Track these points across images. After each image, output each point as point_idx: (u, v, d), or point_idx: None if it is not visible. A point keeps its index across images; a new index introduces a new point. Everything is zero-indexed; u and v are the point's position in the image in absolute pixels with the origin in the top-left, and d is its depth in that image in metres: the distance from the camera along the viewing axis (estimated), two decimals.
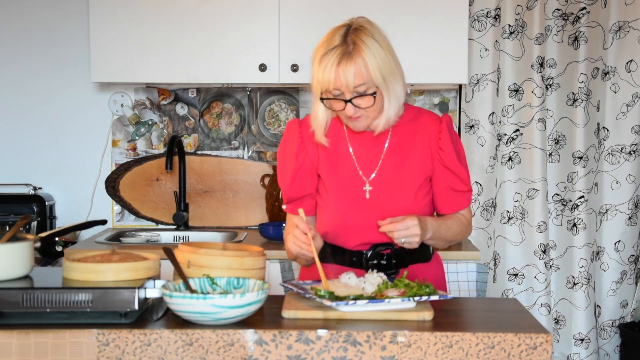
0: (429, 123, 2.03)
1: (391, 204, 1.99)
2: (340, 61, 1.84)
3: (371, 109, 1.90)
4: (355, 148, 2.02)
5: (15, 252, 1.70)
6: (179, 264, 1.74)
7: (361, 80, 1.85)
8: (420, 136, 2.02)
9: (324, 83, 1.87)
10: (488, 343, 1.55)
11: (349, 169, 2.01)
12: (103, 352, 1.55)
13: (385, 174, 2.01)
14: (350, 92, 1.87)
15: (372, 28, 1.91)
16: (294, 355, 1.55)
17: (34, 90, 3.46)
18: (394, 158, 2.01)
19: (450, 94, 3.46)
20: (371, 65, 1.85)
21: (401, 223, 1.87)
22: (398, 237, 1.88)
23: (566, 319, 3.37)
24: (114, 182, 3.45)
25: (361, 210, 2.00)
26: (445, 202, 2.06)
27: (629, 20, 3.31)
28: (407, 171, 2.01)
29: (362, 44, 1.85)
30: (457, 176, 2.02)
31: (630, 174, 3.37)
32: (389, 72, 1.88)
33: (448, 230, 2.02)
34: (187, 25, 3.09)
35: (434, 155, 2.02)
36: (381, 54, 1.87)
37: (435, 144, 2.01)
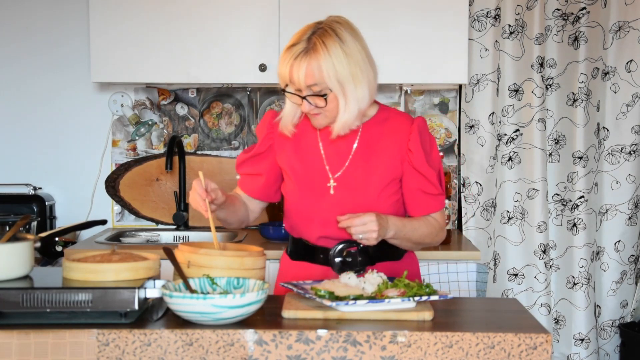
0: (400, 124, 2.05)
1: (354, 201, 2.01)
2: (297, 57, 1.89)
3: (327, 108, 1.93)
4: (325, 144, 2.06)
5: (15, 252, 1.70)
6: (179, 264, 1.74)
7: (313, 80, 1.89)
8: (391, 137, 2.04)
9: (283, 76, 1.93)
10: (488, 343, 1.55)
11: (316, 163, 2.05)
12: (103, 352, 1.55)
13: (351, 171, 2.03)
14: (303, 89, 1.91)
15: (343, 31, 1.94)
16: (294, 355, 1.55)
17: (34, 90, 3.46)
18: (362, 157, 2.04)
19: (450, 94, 3.46)
20: (325, 68, 1.88)
21: (358, 219, 1.89)
22: (355, 232, 1.90)
23: (566, 319, 3.37)
24: (114, 182, 3.45)
25: (323, 204, 2.03)
26: (414, 204, 2.07)
27: (629, 20, 3.31)
28: (374, 170, 2.03)
29: (321, 46, 1.88)
30: (426, 179, 2.03)
31: (630, 174, 3.37)
32: (347, 77, 1.90)
33: (414, 231, 2.02)
34: (187, 25, 3.09)
35: (403, 157, 2.03)
36: (340, 58, 1.89)
37: (405, 145, 2.03)
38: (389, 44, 3.09)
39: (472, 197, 3.37)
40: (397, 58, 3.09)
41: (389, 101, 3.46)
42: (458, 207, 3.45)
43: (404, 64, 3.10)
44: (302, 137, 2.07)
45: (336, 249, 2.02)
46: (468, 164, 3.37)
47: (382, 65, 3.07)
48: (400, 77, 3.15)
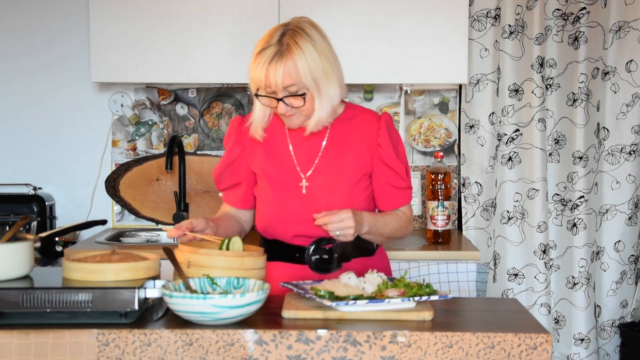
0: (368, 121, 2.09)
1: (327, 198, 2.04)
2: (272, 61, 1.90)
3: (303, 108, 1.96)
4: (294, 144, 2.08)
5: (15, 252, 1.70)
6: (179, 264, 1.74)
7: (290, 81, 1.91)
8: (359, 133, 2.08)
9: (257, 80, 1.94)
10: (488, 343, 1.55)
11: (287, 164, 2.08)
12: (103, 352, 1.55)
13: (322, 170, 2.06)
14: (280, 90, 1.92)
15: (311, 30, 1.96)
16: (294, 355, 1.55)
17: (34, 90, 3.46)
18: (331, 154, 2.07)
19: (450, 94, 3.46)
20: (301, 67, 1.90)
21: (335, 216, 1.92)
22: (332, 229, 1.92)
23: (566, 319, 3.37)
24: (114, 182, 3.45)
25: (297, 204, 2.05)
26: (384, 199, 2.11)
27: (629, 20, 3.31)
28: (344, 167, 2.06)
29: (294, 46, 1.90)
30: (395, 173, 2.08)
31: (630, 174, 3.37)
32: (321, 74, 1.93)
33: (386, 226, 2.07)
34: (187, 25, 3.09)
35: (372, 152, 2.07)
36: (314, 56, 1.92)
37: (374, 140, 2.07)
38: (389, 44, 3.09)
39: (472, 197, 3.37)
40: (397, 58, 3.09)
41: (389, 101, 3.46)
42: (458, 207, 3.45)
43: (404, 64, 3.10)
44: (271, 139, 2.10)
45: (311, 247, 2.04)
46: (468, 164, 3.37)
47: (382, 65, 3.10)
48: (400, 77, 3.15)
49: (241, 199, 2.18)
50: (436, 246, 2.98)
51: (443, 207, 3.03)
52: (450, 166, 3.43)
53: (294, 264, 2.09)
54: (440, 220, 3.03)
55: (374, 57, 3.09)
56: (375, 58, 3.09)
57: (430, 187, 3.05)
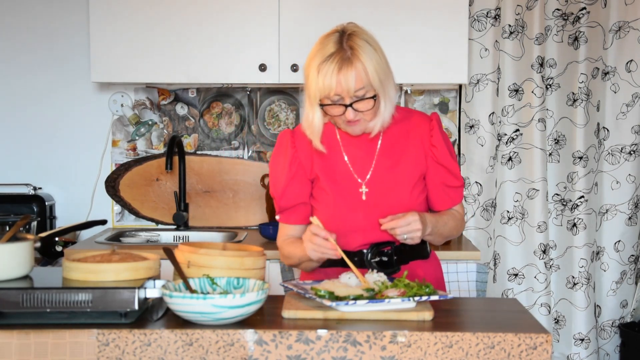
0: (419, 122, 2.08)
1: (388, 203, 2.02)
2: (341, 67, 1.87)
3: (369, 112, 1.93)
4: (349, 151, 2.06)
5: (15, 252, 1.70)
6: (179, 264, 1.74)
7: (361, 84, 1.89)
8: (412, 135, 2.06)
9: (325, 90, 1.89)
10: (488, 343, 1.55)
11: (344, 172, 2.05)
12: (103, 352, 1.55)
13: (379, 174, 2.04)
14: (350, 96, 1.89)
15: (364, 33, 1.95)
16: (294, 355, 1.55)
17: (33, 90, 3.46)
18: (387, 158, 2.05)
19: (450, 94, 3.46)
20: (370, 69, 1.89)
21: (402, 219, 1.90)
22: (400, 233, 1.91)
23: (566, 319, 3.37)
24: (114, 182, 3.45)
25: (359, 211, 2.03)
26: (439, 199, 2.09)
27: (629, 20, 3.31)
28: (401, 170, 2.04)
29: (359, 48, 1.89)
30: (450, 172, 2.07)
31: (630, 174, 3.37)
32: (384, 75, 1.93)
33: (445, 226, 2.06)
34: (187, 25, 3.09)
35: (427, 153, 2.06)
36: (376, 57, 1.91)
37: (428, 141, 2.06)
38: (389, 44, 3.05)
39: (472, 197, 3.37)
40: (397, 58, 3.08)
41: None
42: None
43: (404, 64, 3.09)
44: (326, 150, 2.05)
45: (370, 251, 2.02)
46: (468, 164, 3.37)
47: None
48: (400, 77, 3.10)
49: (304, 217, 2.09)
50: (436, 246, 2.98)
51: None
52: None
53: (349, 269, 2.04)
54: None
55: None
56: None
57: None
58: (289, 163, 2.06)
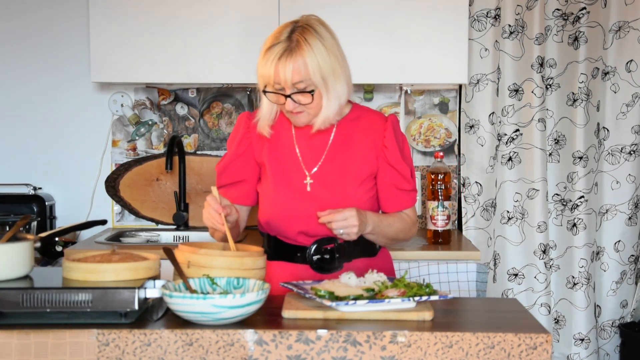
0: (374, 121, 2.09)
1: (331, 197, 2.04)
2: (281, 57, 1.91)
3: (311, 105, 1.96)
4: (300, 142, 2.08)
5: (15, 252, 1.70)
6: (179, 264, 1.74)
7: (299, 77, 1.91)
8: (365, 133, 2.08)
9: (265, 77, 1.95)
10: (488, 343, 1.55)
11: (292, 161, 2.07)
12: (103, 352, 1.55)
13: (327, 168, 2.06)
14: (289, 87, 1.93)
15: (320, 28, 1.97)
16: (294, 355, 1.55)
17: (33, 90, 3.46)
18: (337, 153, 2.07)
19: (450, 94, 3.46)
20: (310, 64, 1.91)
21: (339, 214, 1.92)
22: (336, 227, 1.93)
23: (566, 319, 3.37)
24: (114, 182, 3.45)
25: (301, 201, 2.05)
26: (389, 200, 2.10)
27: (629, 20, 3.31)
28: (349, 166, 2.06)
29: (304, 43, 1.91)
30: (400, 174, 2.07)
31: (630, 174, 3.37)
32: (329, 72, 1.93)
33: (389, 227, 2.06)
34: (187, 25, 3.09)
35: (378, 153, 2.07)
36: (323, 54, 1.92)
37: (380, 141, 2.07)
38: (389, 44, 3.09)
39: (472, 197, 3.37)
40: (397, 58, 3.09)
41: (389, 101, 3.46)
42: (458, 207, 3.45)
43: (404, 64, 3.10)
44: (277, 136, 2.10)
45: (312, 247, 2.04)
46: (468, 164, 3.37)
47: (382, 65, 3.10)
48: (400, 77, 3.15)
49: (244, 195, 2.15)
50: (436, 246, 2.98)
51: (443, 207, 3.03)
52: (450, 166, 3.43)
53: (295, 264, 2.08)
54: (440, 221, 3.03)
55: (374, 57, 3.09)
56: (375, 58, 3.09)
57: (430, 187, 3.05)
58: (238, 142, 2.11)
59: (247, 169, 2.12)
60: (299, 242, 2.08)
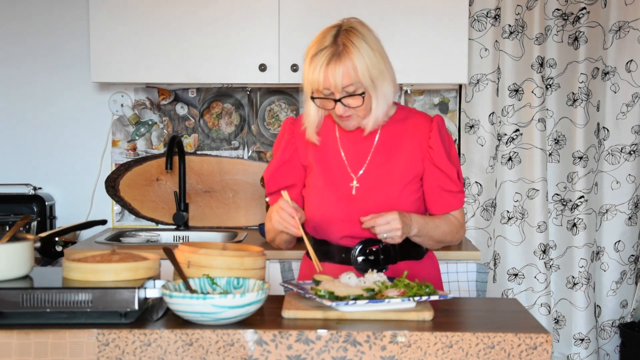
0: (419, 122, 2.07)
1: (376, 199, 2.02)
2: (330, 62, 1.89)
3: (361, 108, 1.94)
4: (345, 145, 2.06)
5: (15, 252, 1.70)
6: (179, 264, 1.74)
7: (349, 81, 1.89)
8: (410, 135, 2.05)
9: (314, 83, 1.92)
10: (488, 343, 1.55)
11: (338, 165, 2.06)
12: (103, 352, 1.55)
13: (372, 171, 2.04)
14: (339, 92, 1.91)
15: (363, 29, 1.95)
16: (294, 355, 1.55)
17: (34, 90, 3.46)
18: (382, 156, 2.05)
19: (450, 94, 3.46)
20: (359, 66, 1.89)
21: (382, 218, 1.90)
22: (379, 231, 1.91)
23: (566, 319, 3.37)
24: (114, 182, 3.45)
25: (346, 204, 2.03)
26: (435, 202, 2.07)
27: (629, 20, 3.31)
28: (394, 169, 2.04)
29: (351, 45, 1.89)
30: (447, 176, 2.04)
31: (630, 174, 3.37)
32: (377, 73, 1.92)
33: (436, 229, 2.03)
34: (187, 25, 3.09)
35: (424, 155, 2.05)
36: (370, 55, 1.91)
37: (426, 143, 2.04)
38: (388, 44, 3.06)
39: (472, 197, 3.37)
40: (397, 58, 3.06)
41: None
42: None
43: (404, 64, 3.09)
44: (322, 141, 2.07)
45: (357, 247, 2.02)
46: (468, 164, 3.37)
47: None
48: (400, 77, 3.08)
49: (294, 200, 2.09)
50: None
51: None
52: None
53: (340, 265, 2.05)
54: None
55: None
56: None
57: None
58: (284, 147, 2.10)
59: (295, 173, 2.11)
60: (343, 244, 2.06)
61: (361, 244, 2.02)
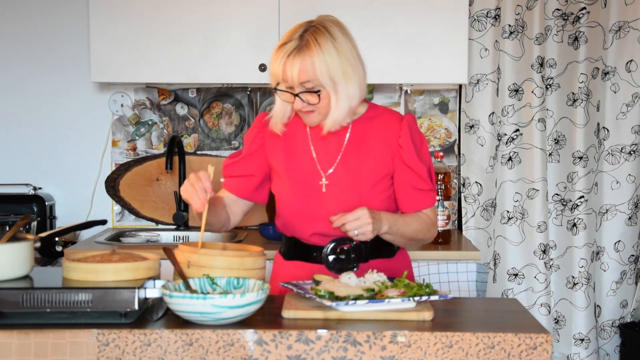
0: (390, 121, 2.07)
1: (346, 197, 2.03)
2: (290, 55, 1.91)
3: (320, 105, 1.95)
4: (315, 143, 2.07)
5: (15, 252, 1.70)
6: (179, 264, 1.74)
7: (306, 77, 1.91)
8: (381, 133, 2.06)
9: (276, 74, 1.95)
10: (488, 343, 1.55)
11: (308, 162, 2.06)
12: (103, 352, 1.55)
13: (342, 169, 2.05)
14: (297, 86, 1.93)
15: (335, 29, 1.96)
16: (294, 355, 1.55)
17: (34, 90, 3.46)
18: (352, 154, 2.05)
19: (450, 94, 3.46)
20: (318, 65, 1.90)
21: (351, 214, 1.90)
22: (350, 228, 1.90)
23: (566, 319, 3.37)
24: (114, 182, 3.45)
25: (316, 202, 2.04)
26: (407, 201, 2.08)
27: (629, 20, 3.31)
28: (365, 167, 2.04)
29: (314, 43, 1.91)
30: (417, 174, 2.05)
31: (630, 174, 3.37)
32: (339, 74, 1.92)
33: (406, 226, 2.03)
34: (187, 25, 3.09)
35: (394, 153, 2.05)
36: (333, 55, 1.91)
37: (396, 141, 2.05)
38: (388, 44, 3.09)
39: (472, 197, 3.37)
40: (397, 58, 3.09)
41: (389, 101, 3.46)
42: (458, 207, 3.45)
43: (404, 64, 3.10)
44: (292, 136, 2.09)
45: (329, 246, 2.03)
46: (468, 164, 3.37)
47: (382, 65, 3.10)
48: (400, 77, 3.15)
49: (246, 190, 2.13)
50: (436, 246, 2.98)
51: (443, 207, 3.03)
52: (450, 166, 3.43)
53: (312, 264, 2.06)
54: (440, 221, 3.03)
55: (374, 57, 3.08)
56: (375, 58, 3.08)
57: None
58: (251, 140, 2.12)
59: (257, 165, 2.12)
60: (313, 242, 2.07)
61: (332, 242, 2.03)
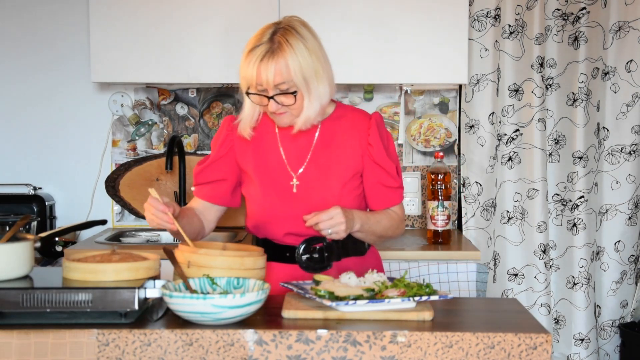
0: (358, 120, 2.10)
1: (317, 197, 2.04)
2: (263, 58, 1.92)
3: (294, 106, 1.97)
4: (284, 143, 2.09)
5: (15, 252, 1.70)
6: (179, 264, 1.74)
7: (281, 79, 1.92)
8: (350, 132, 2.08)
9: (248, 78, 1.95)
10: (488, 343, 1.55)
11: (277, 163, 2.08)
12: (103, 352, 1.55)
13: (312, 168, 2.07)
14: (271, 89, 1.94)
15: (302, 29, 1.98)
16: (294, 355, 1.55)
17: (34, 90, 3.46)
18: (322, 153, 2.07)
19: (450, 94, 3.46)
20: (292, 66, 1.92)
21: (324, 214, 1.92)
22: (323, 227, 1.93)
23: (566, 319, 3.37)
24: (114, 182, 3.45)
25: (287, 203, 2.05)
26: (376, 198, 2.11)
27: (629, 20, 3.31)
28: (334, 166, 2.06)
29: (286, 44, 1.92)
30: (386, 172, 2.08)
31: (630, 174, 3.37)
32: (311, 74, 1.94)
33: (377, 224, 2.07)
34: (186, 25, 3.09)
35: (364, 151, 2.08)
36: (305, 55, 1.93)
37: (365, 140, 2.08)
38: (389, 44, 3.09)
39: (472, 197, 3.37)
40: (397, 58, 3.09)
41: (389, 101, 3.46)
42: (458, 207, 3.45)
43: (404, 64, 3.10)
44: (260, 138, 2.10)
45: (301, 247, 2.04)
46: (468, 164, 3.37)
47: (382, 65, 3.10)
48: (400, 77, 3.15)
49: (218, 195, 2.13)
50: (436, 246, 2.98)
51: (443, 207, 3.03)
52: (450, 166, 3.43)
53: (285, 264, 2.08)
54: (440, 220, 3.03)
55: (374, 57, 3.09)
56: (375, 58, 3.09)
57: (430, 187, 3.05)
58: (220, 144, 2.12)
59: (227, 169, 2.13)
60: (287, 243, 2.09)
61: (305, 242, 2.05)
